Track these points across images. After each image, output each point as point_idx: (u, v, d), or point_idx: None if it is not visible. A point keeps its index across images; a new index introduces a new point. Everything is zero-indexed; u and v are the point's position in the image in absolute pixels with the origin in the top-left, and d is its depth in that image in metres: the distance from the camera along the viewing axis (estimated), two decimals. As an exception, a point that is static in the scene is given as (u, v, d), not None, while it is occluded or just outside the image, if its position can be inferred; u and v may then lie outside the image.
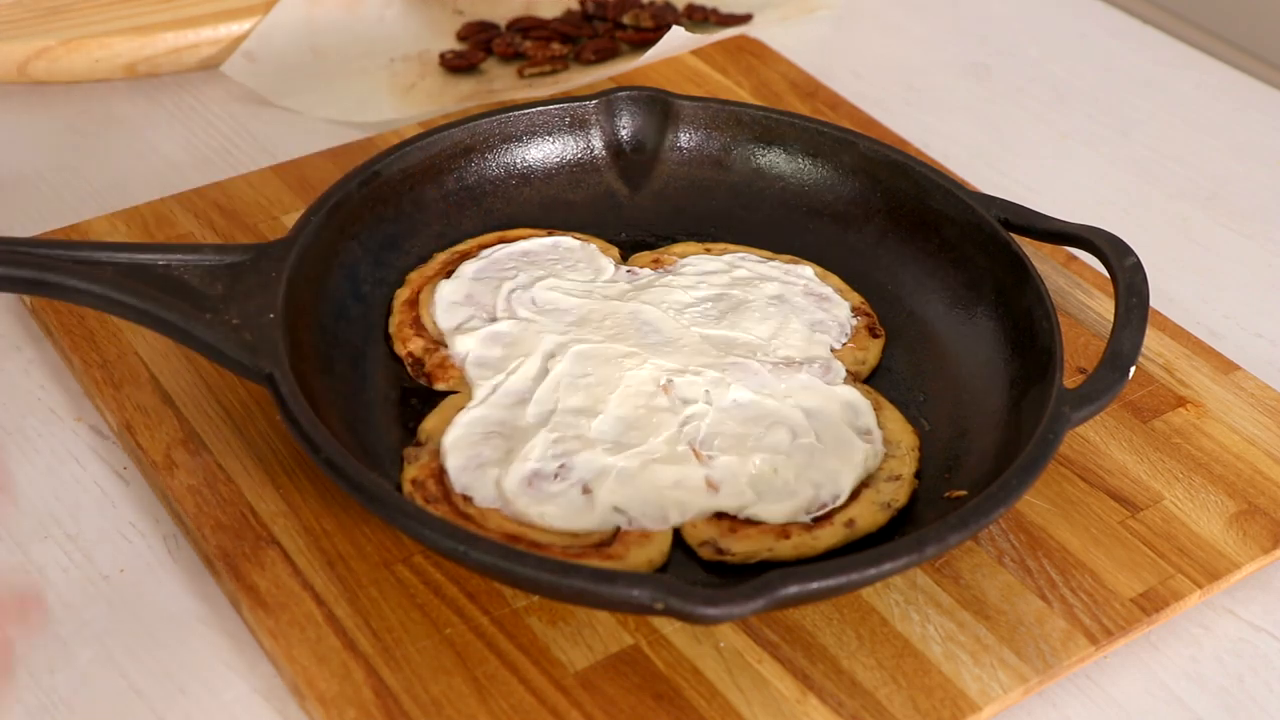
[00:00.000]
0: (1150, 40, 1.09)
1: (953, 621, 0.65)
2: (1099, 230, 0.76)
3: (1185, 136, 1.00)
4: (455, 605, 0.65)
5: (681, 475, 0.69)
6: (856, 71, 1.04)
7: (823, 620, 0.65)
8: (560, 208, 0.84)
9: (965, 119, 1.00)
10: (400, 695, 0.61)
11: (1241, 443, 0.75)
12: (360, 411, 0.71)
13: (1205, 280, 0.88)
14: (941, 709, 0.62)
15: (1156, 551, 0.69)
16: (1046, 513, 0.71)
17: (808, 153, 0.84)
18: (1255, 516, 0.71)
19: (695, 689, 0.62)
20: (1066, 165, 0.97)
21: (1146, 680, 0.66)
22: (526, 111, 0.84)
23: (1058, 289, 0.82)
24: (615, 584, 0.58)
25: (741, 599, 0.57)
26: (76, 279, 0.67)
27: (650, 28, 1.03)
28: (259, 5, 1.01)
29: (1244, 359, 0.81)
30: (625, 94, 0.85)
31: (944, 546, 0.61)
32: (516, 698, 0.62)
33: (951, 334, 0.77)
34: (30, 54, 0.96)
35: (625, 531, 0.67)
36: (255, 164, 0.92)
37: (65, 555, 0.69)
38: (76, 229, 0.84)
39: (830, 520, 0.68)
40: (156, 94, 0.98)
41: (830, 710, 0.62)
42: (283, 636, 0.64)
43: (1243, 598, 0.70)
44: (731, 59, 1.01)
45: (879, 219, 0.82)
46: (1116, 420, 0.75)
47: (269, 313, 0.68)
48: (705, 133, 0.85)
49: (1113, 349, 0.70)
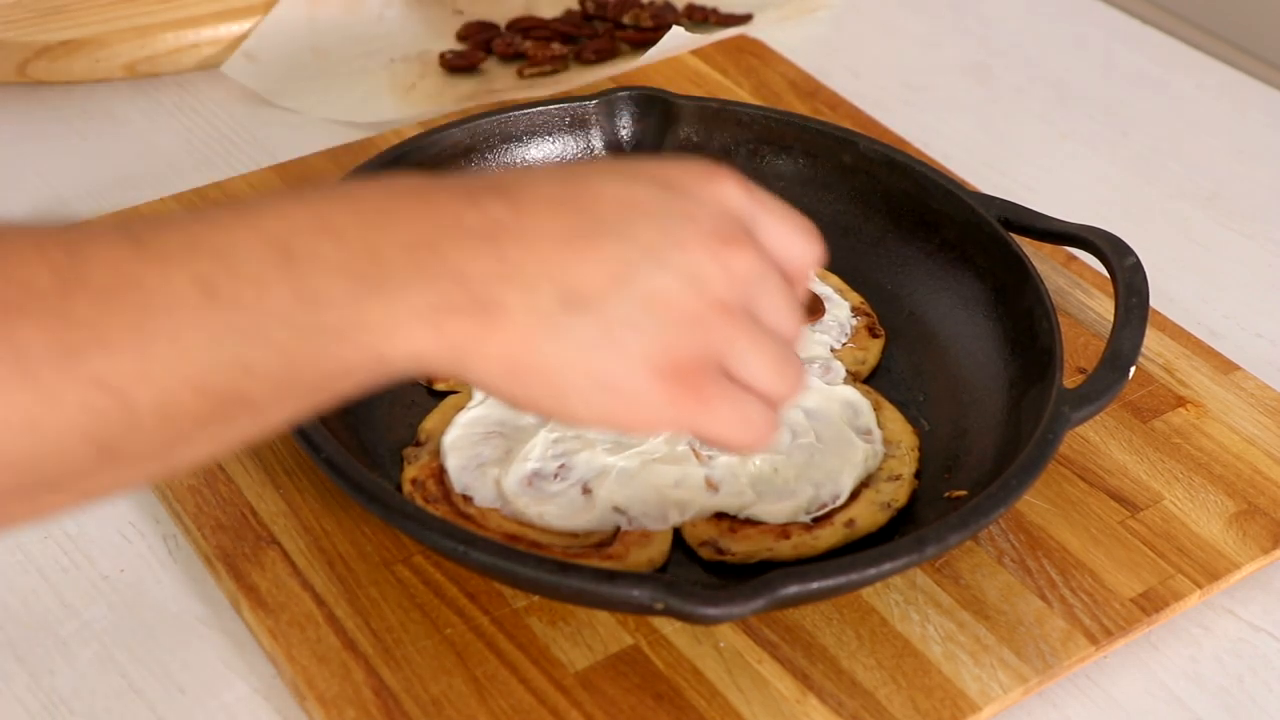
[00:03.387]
0: (1150, 40, 1.09)
1: (953, 621, 0.65)
2: (1099, 230, 0.76)
3: (1185, 136, 1.00)
4: (455, 605, 0.65)
5: (681, 475, 0.69)
6: (856, 71, 1.04)
7: (823, 620, 0.65)
8: (560, 208, 0.84)
9: (965, 119, 1.00)
10: (400, 695, 0.61)
11: (1241, 443, 0.75)
12: (360, 411, 0.71)
13: (1205, 280, 0.88)
14: (941, 709, 0.62)
15: (1156, 551, 0.69)
16: (1046, 513, 0.71)
17: (808, 153, 0.84)
18: (1255, 516, 0.71)
19: (695, 689, 0.62)
20: (1066, 165, 0.97)
21: (1146, 680, 0.66)
22: (526, 111, 0.84)
23: (1058, 289, 0.82)
24: (615, 584, 0.58)
25: (741, 599, 0.57)
26: (76, 279, 0.67)
27: (650, 28, 1.03)
28: (259, 5, 1.01)
29: (1244, 359, 0.81)
30: (625, 94, 0.85)
31: (944, 546, 0.61)
32: (516, 698, 0.62)
33: (951, 334, 0.77)
34: (30, 54, 0.96)
35: (625, 531, 0.67)
36: (255, 164, 0.92)
37: (65, 555, 0.69)
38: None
39: (830, 520, 0.68)
40: (156, 94, 0.98)
41: (830, 710, 0.62)
42: (283, 636, 0.64)
43: (1242, 598, 0.70)
44: (731, 59, 1.01)
45: (879, 219, 0.82)
46: (1116, 420, 0.75)
47: (269, 313, 0.68)
48: (705, 133, 0.85)
49: (1113, 349, 0.70)
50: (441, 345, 0.48)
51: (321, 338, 0.47)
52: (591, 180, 0.52)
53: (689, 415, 0.52)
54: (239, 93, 0.98)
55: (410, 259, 0.48)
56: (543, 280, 0.49)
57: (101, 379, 0.44)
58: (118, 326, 0.44)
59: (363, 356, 0.47)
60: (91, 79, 0.98)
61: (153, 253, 0.45)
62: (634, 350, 0.50)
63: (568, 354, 0.50)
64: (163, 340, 0.44)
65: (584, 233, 0.50)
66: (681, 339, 0.51)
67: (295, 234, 0.47)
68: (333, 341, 0.47)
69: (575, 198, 0.51)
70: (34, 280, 0.44)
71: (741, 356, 0.52)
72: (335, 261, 0.47)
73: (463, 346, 0.49)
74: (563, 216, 0.50)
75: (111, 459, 0.45)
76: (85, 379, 0.44)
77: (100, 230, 0.46)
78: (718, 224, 0.52)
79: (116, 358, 0.44)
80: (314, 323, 0.46)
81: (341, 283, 0.47)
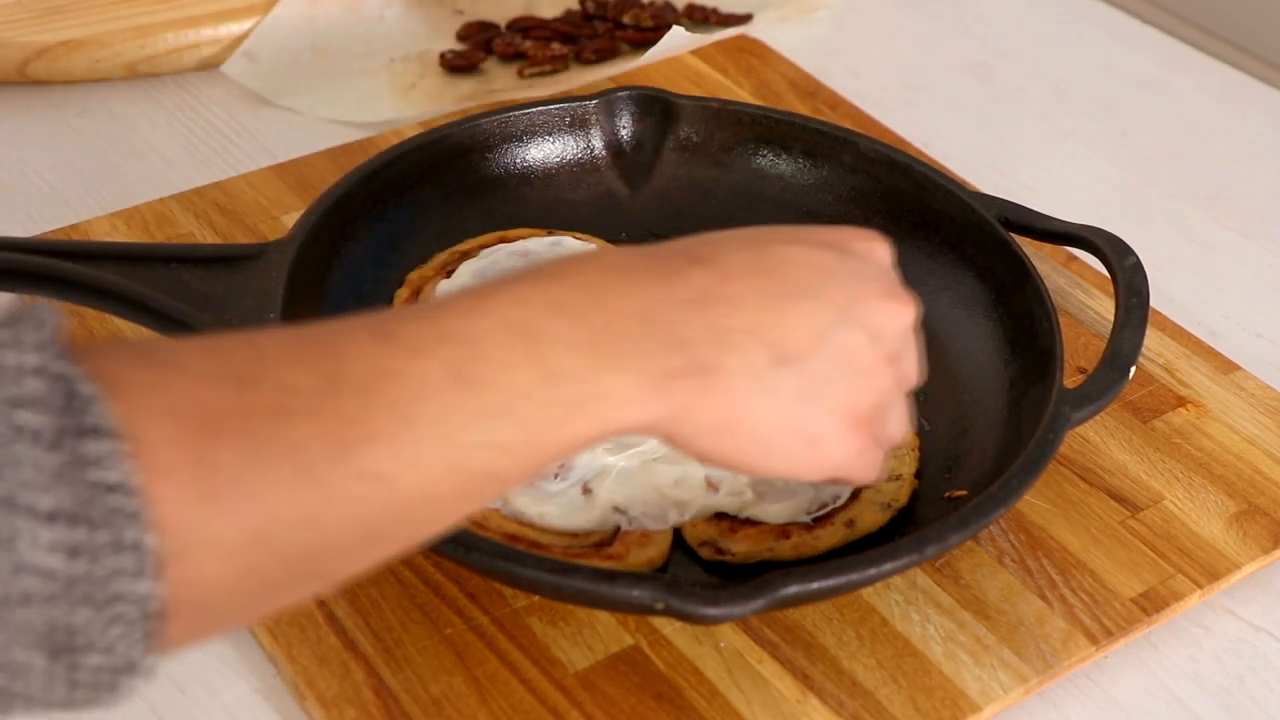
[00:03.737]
0: (1150, 40, 1.09)
1: (953, 621, 0.65)
2: (1099, 230, 0.76)
3: (1185, 136, 1.00)
4: (455, 605, 0.65)
5: (681, 475, 0.69)
6: (856, 71, 1.04)
7: (823, 620, 0.65)
8: (560, 207, 0.84)
9: (965, 119, 1.00)
10: (400, 695, 0.61)
11: (1241, 443, 0.75)
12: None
13: (1205, 280, 0.88)
14: (942, 709, 0.62)
15: (1156, 551, 0.69)
16: (1046, 513, 0.71)
17: (808, 153, 0.84)
18: (1255, 516, 0.71)
19: (695, 689, 0.62)
20: (1066, 165, 0.97)
21: (1146, 680, 0.66)
22: (526, 111, 0.84)
23: (1058, 289, 0.82)
24: (615, 584, 0.58)
25: (742, 599, 0.57)
26: (76, 279, 0.67)
27: (650, 28, 1.03)
28: (259, 5, 1.01)
29: (1244, 359, 0.81)
30: (625, 94, 0.85)
31: (944, 546, 0.61)
32: (516, 698, 0.62)
33: (951, 334, 0.77)
34: (30, 54, 0.96)
35: (625, 531, 0.67)
36: (255, 164, 0.92)
37: (65, 555, 0.68)
38: (76, 229, 0.84)
39: (830, 520, 0.68)
40: (156, 94, 0.98)
41: (830, 710, 0.62)
42: (283, 636, 0.64)
43: (1243, 598, 0.70)
44: (731, 59, 1.01)
45: (879, 219, 0.81)
46: (1116, 420, 0.75)
47: (269, 313, 0.68)
48: (705, 133, 0.85)
49: (1113, 349, 0.70)
50: (666, 409, 0.52)
51: (561, 410, 0.50)
52: (774, 245, 0.57)
53: (871, 461, 0.58)
54: (239, 93, 0.98)
55: (636, 330, 0.52)
56: (754, 342, 0.53)
57: (372, 471, 0.46)
58: (383, 419, 0.46)
59: (596, 426, 0.51)
60: (91, 79, 0.98)
61: (403, 346, 0.48)
62: (832, 403, 0.55)
63: (776, 411, 0.54)
64: (424, 427, 0.47)
65: (784, 295, 0.55)
66: (865, 390, 0.56)
67: (531, 316, 0.50)
68: (571, 413, 0.50)
69: (767, 263, 0.56)
70: (299, 383, 0.46)
71: (894, 406, 0.59)
72: (570, 338, 0.50)
73: (685, 408, 0.52)
74: (760, 281, 0.55)
75: (376, 544, 0.48)
76: (358, 472, 0.46)
77: (345, 329, 0.48)
78: (883, 283, 0.58)
79: (384, 448, 0.46)
80: (555, 397, 0.50)
81: (578, 357, 0.50)
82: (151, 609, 0.42)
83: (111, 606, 0.41)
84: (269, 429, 0.44)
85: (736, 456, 0.55)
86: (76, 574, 0.41)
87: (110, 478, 0.41)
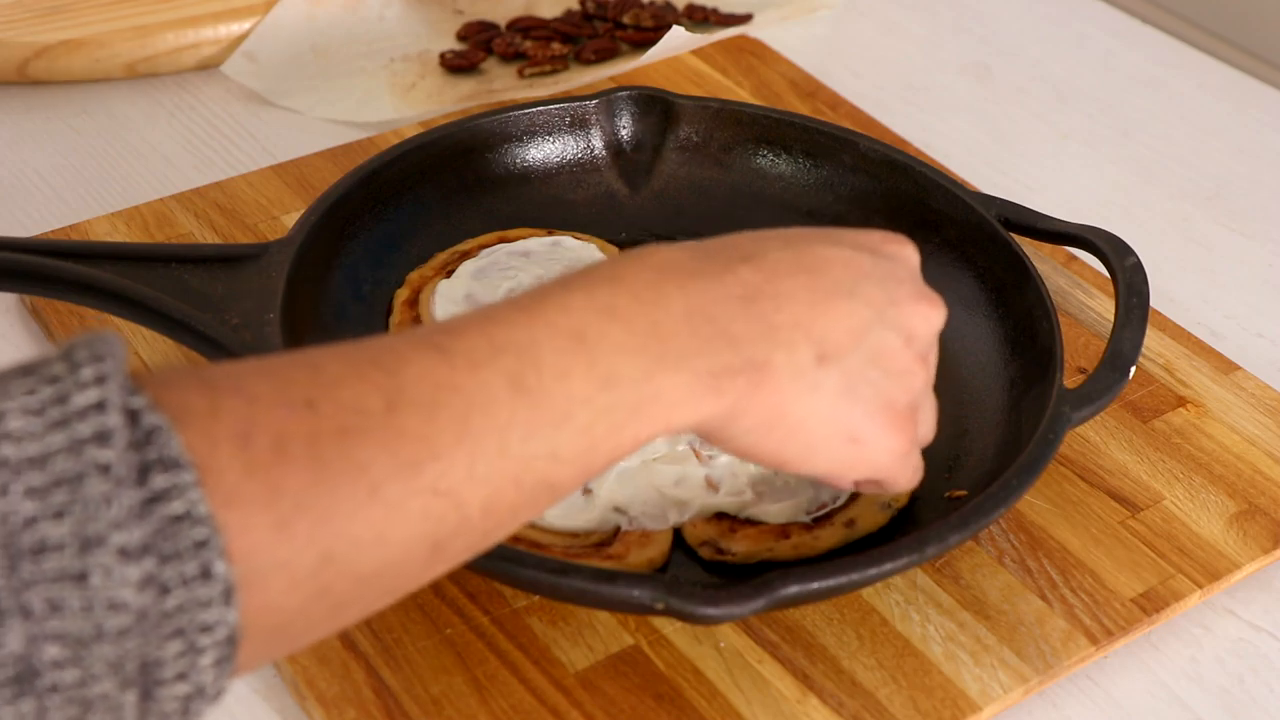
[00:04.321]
0: (1150, 40, 1.09)
1: (953, 621, 0.65)
2: (1099, 230, 0.76)
3: (1185, 136, 1.00)
4: (455, 605, 0.65)
5: (681, 475, 0.69)
6: (856, 71, 1.04)
7: (823, 620, 0.65)
8: (560, 207, 0.84)
9: (965, 119, 1.00)
10: (400, 695, 0.61)
11: (1242, 443, 0.75)
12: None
13: (1205, 280, 0.88)
14: (942, 709, 0.62)
15: (1157, 551, 0.69)
16: (1046, 513, 0.71)
17: (808, 153, 0.84)
18: (1255, 516, 0.71)
19: (696, 689, 0.62)
20: (1066, 165, 0.97)
21: (1147, 680, 0.66)
22: (527, 111, 0.84)
23: (1058, 289, 0.82)
24: (615, 584, 0.58)
25: (742, 599, 0.57)
26: (76, 279, 0.67)
27: (650, 28, 1.03)
28: (259, 5, 1.01)
29: (1244, 359, 0.81)
30: (625, 94, 0.85)
31: (944, 546, 0.61)
32: (516, 698, 0.62)
33: (951, 334, 0.76)
34: (30, 54, 0.96)
35: (625, 531, 0.67)
36: (255, 164, 0.92)
37: (65, 555, 0.68)
38: (76, 229, 0.84)
39: (830, 520, 0.68)
40: (156, 94, 0.98)
41: (830, 710, 0.62)
42: (283, 636, 0.63)
43: (1243, 598, 0.70)
44: (731, 59, 1.01)
45: (879, 219, 0.81)
46: (1116, 420, 0.75)
47: (269, 313, 0.68)
48: (705, 133, 0.85)
49: (1113, 349, 0.70)
50: (720, 407, 0.52)
51: (618, 414, 0.50)
52: (814, 245, 0.58)
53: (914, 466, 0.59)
54: (239, 93, 0.98)
55: (687, 329, 0.52)
56: (800, 336, 0.54)
57: (438, 486, 0.46)
58: (446, 434, 0.47)
59: (653, 427, 0.51)
60: (91, 79, 0.98)
61: (461, 360, 0.48)
62: (870, 403, 0.56)
63: (819, 407, 0.55)
64: (486, 440, 0.48)
65: (827, 291, 0.56)
66: (901, 389, 0.57)
67: (584, 322, 0.51)
68: (628, 417, 0.50)
69: (809, 261, 0.57)
70: (363, 402, 0.46)
71: (925, 404, 0.60)
72: (624, 342, 0.51)
73: (737, 405, 0.53)
74: (803, 278, 0.56)
75: (440, 557, 0.48)
76: (424, 489, 0.46)
77: (400, 344, 0.48)
78: (915, 285, 0.59)
79: (448, 463, 0.47)
80: (612, 402, 0.50)
81: (634, 360, 0.51)
82: (226, 636, 0.42)
83: (189, 636, 0.41)
84: (334, 450, 0.44)
85: (780, 453, 0.55)
86: (162, 608, 0.41)
87: (180, 509, 0.41)
